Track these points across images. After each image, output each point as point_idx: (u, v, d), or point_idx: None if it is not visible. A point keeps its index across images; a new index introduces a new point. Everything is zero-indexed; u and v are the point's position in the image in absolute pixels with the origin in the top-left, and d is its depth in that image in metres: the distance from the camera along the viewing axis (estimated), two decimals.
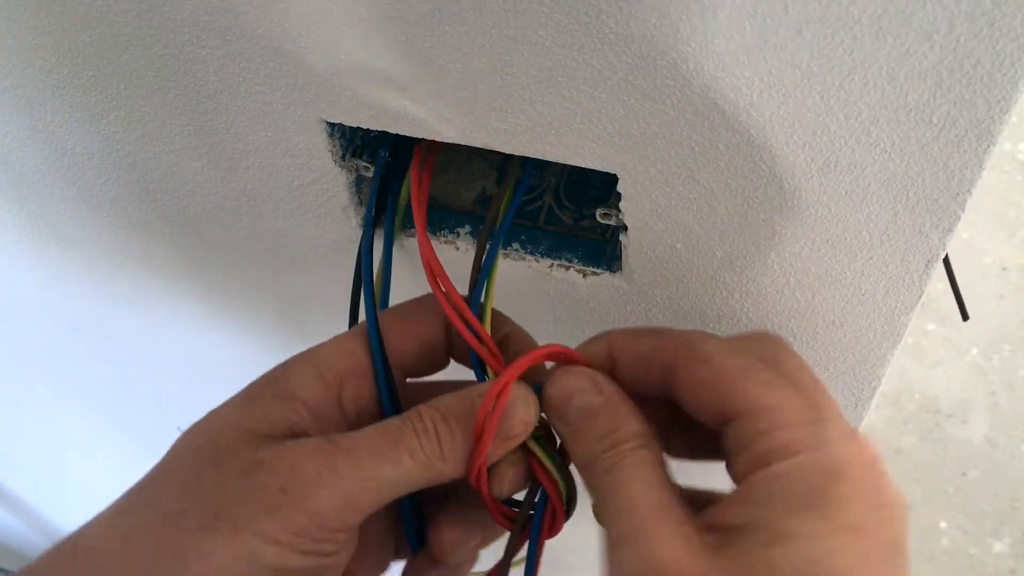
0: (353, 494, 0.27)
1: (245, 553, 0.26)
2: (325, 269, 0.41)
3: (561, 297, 0.37)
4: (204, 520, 0.26)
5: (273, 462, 0.27)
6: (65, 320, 0.59)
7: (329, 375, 0.30)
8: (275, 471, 0.27)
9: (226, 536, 0.26)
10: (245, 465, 0.27)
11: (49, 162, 0.40)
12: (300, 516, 0.26)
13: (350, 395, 0.30)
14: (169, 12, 0.30)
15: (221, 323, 0.51)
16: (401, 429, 0.28)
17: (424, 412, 0.29)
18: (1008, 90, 0.23)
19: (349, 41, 0.28)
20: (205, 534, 0.26)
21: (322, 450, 0.28)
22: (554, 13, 0.25)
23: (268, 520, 0.26)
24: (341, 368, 0.30)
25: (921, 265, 0.30)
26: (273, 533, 0.26)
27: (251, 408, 0.29)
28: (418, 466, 0.28)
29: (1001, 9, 0.21)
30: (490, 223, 0.32)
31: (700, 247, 0.32)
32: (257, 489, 0.27)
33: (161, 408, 0.67)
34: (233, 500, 0.27)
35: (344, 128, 0.34)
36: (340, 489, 0.27)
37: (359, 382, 0.31)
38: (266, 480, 0.27)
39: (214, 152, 0.36)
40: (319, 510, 0.27)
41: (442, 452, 0.28)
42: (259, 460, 0.27)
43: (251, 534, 0.26)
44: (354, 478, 0.27)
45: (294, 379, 0.30)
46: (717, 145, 0.27)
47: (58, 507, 1.08)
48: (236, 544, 0.26)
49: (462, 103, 0.29)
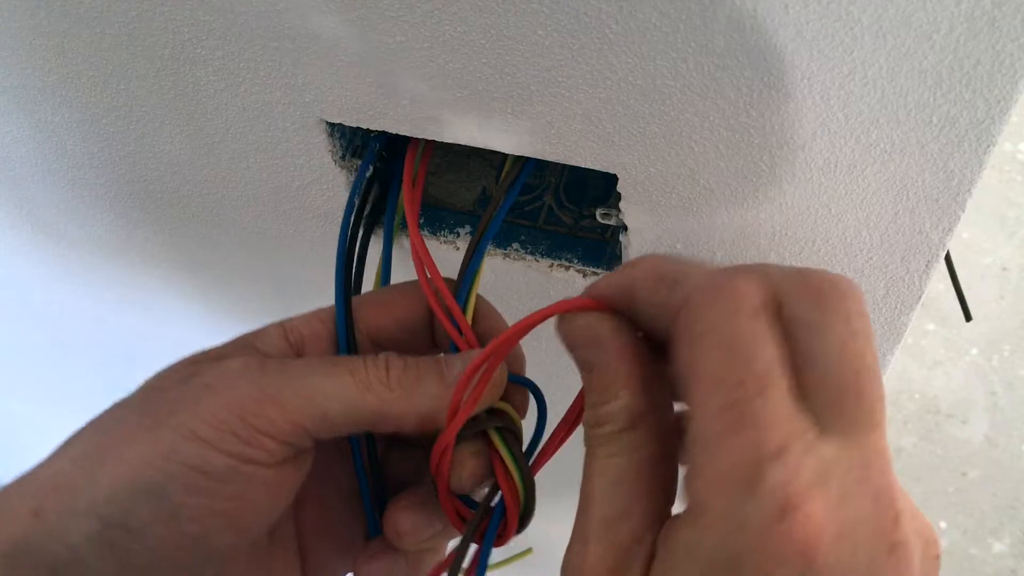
0: (276, 392, 0.26)
1: (162, 448, 0.26)
2: (325, 268, 0.41)
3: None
4: (132, 422, 0.26)
5: (208, 367, 0.27)
6: (65, 320, 0.59)
7: (292, 335, 0.30)
8: (207, 373, 0.27)
9: (147, 431, 0.26)
10: (182, 376, 0.28)
11: (49, 162, 0.40)
12: (219, 408, 0.26)
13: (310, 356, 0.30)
14: (169, 12, 0.30)
15: (221, 323, 0.51)
16: (350, 356, 0.28)
17: (383, 353, 0.29)
18: (1008, 90, 0.23)
19: (348, 40, 0.28)
20: (130, 433, 0.26)
21: (255, 359, 0.28)
22: (554, 13, 0.25)
23: (187, 414, 0.26)
24: (306, 332, 0.30)
25: (921, 265, 0.30)
26: (192, 426, 0.26)
27: (208, 350, 0.29)
28: (358, 386, 0.27)
29: (1001, 9, 0.21)
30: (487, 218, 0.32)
31: (700, 247, 0.32)
32: (186, 387, 0.27)
33: None
34: (161, 403, 0.27)
35: (344, 128, 0.34)
36: (262, 385, 0.26)
37: (321, 346, 0.30)
38: (196, 380, 0.27)
39: (214, 152, 0.36)
40: (238, 401, 0.26)
41: (388, 377, 0.27)
42: (196, 371, 0.28)
43: (170, 429, 0.26)
44: (280, 377, 0.27)
45: (260, 335, 0.30)
46: (717, 145, 0.27)
47: None
48: (156, 438, 0.26)
49: (462, 103, 0.29)
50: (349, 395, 0.27)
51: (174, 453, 0.26)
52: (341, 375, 0.27)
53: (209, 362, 0.28)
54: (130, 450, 0.26)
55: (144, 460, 0.25)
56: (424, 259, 0.31)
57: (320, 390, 0.27)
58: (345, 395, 0.27)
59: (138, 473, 0.25)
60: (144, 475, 0.25)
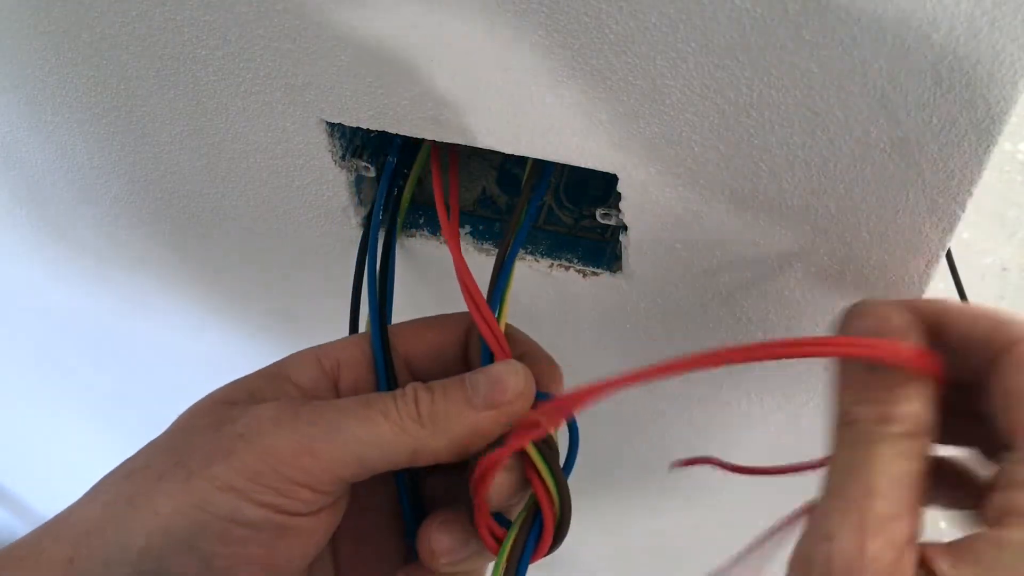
0: (312, 443, 0.26)
1: (196, 499, 0.25)
2: (325, 269, 0.41)
3: (561, 297, 0.37)
4: (163, 470, 0.26)
5: (240, 416, 0.27)
6: (65, 320, 0.59)
7: (327, 362, 0.30)
8: (239, 423, 0.27)
9: (180, 482, 0.26)
10: (214, 422, 0.27)
11: (49, 162, 0.40)
12: (254, 460, 0.26)
13: (347, 384, 0.30)
14: (169, 12, 0.30)
15: (221, 322, 0.51)
16: (380, 395, 0.28)
17: (409, 384, 0.28)
18: (1008, 90, 0.23)
19: (348, 40, 0.28)
20: (159, 483, 0.26)
21: (289, 405, 0.27)
22: (554, 13, 0.25)
23: (222, 465, 0.26)
24: (341, 357, 0.30)
25: (921, 265, 0.30)
26: (226, 478, 0.25)
27: (241, 385, 0.29)
28: (392, 428, 0.27)
29: (1001, 9, 0.21)
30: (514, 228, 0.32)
31: (700, 247, 0.32)
32: (219, 438, 0.26)
33: (161, 407, 0.67)
34: (194, 450, 0.26)
35: (344, 128, 0.34)
36: (298, 435, 0.26)
37: (357, 372, 0.30)
38: (229, 429, 0.27)
39: (214, 152, 0.36)
40: (273, 452, 0.26)
41: (419, 413, 0.27)
42: (229, 416, 0.27)
43: (203, 480, 0.25)
44: (315, 428, 0.26)
45: (292, 363, 0.30)
46: (717, 145, 0.27)
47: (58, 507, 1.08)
48: (187, 489, 0.25)
49: (461, 103, 0.29)
50: (384, 439, 0.27)
51: (207, 504, 0.25)
52: (375, 419, 0.27)
53: (242, 406, 0.28)
54: (163, 500, 0.26)
55: (177, 510, 0.25)
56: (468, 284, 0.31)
57: (356, 437, 0.26)
58: (380, 440, 0.27)
59: (171, 523, 0.25)
60: (177, 525, 0.25)
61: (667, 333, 0.37)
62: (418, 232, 0.37)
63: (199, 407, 0.29)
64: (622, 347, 0.39)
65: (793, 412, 0.40)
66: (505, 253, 0.32)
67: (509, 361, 0.29)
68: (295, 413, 0.27)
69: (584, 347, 0.40)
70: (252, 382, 0.29)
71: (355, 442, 0.26)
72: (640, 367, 0.25)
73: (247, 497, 0.26)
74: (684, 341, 0.37)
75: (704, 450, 0.32)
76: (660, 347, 0.38)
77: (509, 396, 0.28)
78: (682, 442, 0.45)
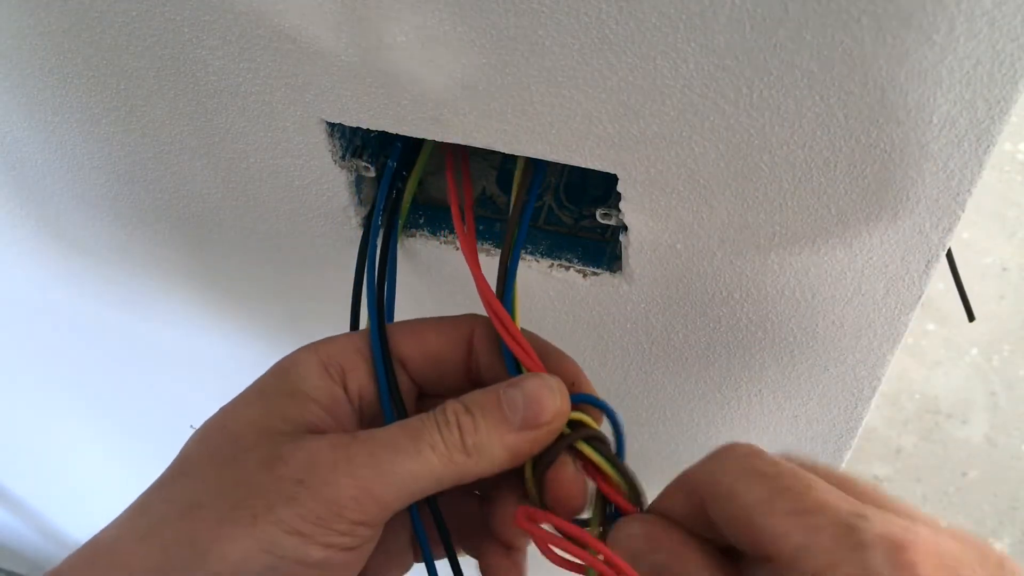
0: (371, 485, 0.27)
1: (265, 543, 0.26)
2: (325, 269, 0.41)
3: (561, 297, 0.37)
4: (223, 512, 0.26)
5: (291, 455, 0.27)
6: (65, 320, 0.59)
7: (332, 368, 0.30)
8: (293, 463, 0.27)
9: (245, 527, 0.26)
10: (264, 459, 0.27)
11: (49, 162, 0.40)
12: (317, 506, 0.26)
13: (354, 387, 0.30)
14: (169, 12, 0.30)
15: (222, 322, 0.51)
16: (423, 423, 0.28)
17: (448, 406, 0.29)
18: (1008, 90, 0.23)
19: (348, 40, 0.28)
20: (224, 526, 0.26)
21: (340, 443, 0.27)
22: (554, 13, 0.25)
23: (286, 510, 0.26)
24: (344, 362, 0.30)
25: (921, 265, 0.30)
26: (292, 523, 0.26)
27: (267, 406, 0.29)
28: (440, 460, 0.27)
29: (1001, 9, 0.21)
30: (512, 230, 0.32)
31: (700, 247, 0.32)
32: (276, 481, 0.27)
33: (161, 407, 0.67)
34: (251, 492, 0.26)
35: (344, 128, 0.34)
36: (356, 479, 0.27)
37: (362, 375, 0.30)
38: (284, 472, 0.27)
39: (214, 152, 0.36)
40: (336, 499, 0.26)
41: (464, 445, 0.28)
42: (278, 455, 0.27)
43: (270, 524, 0.26)
44: (372, 469, 0.27)
45: (301, 374, 0.30)
46: (717, 145, 0.27)
47: (58, 507, 1.08)
48: (256, 534, 0.26)
49: (462, 103, 0.29)
50: (435, 473, 0.27)
51: (276, 547, 0.26)
52: (425, 453, 0.27)
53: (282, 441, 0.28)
54: (231, 545, 0.26)
55: (247, 555, 0.26)
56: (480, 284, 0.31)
57: (410, 475, 0.27)
58: (431, 474, 0.27)
59: (240, 568, 0.26)
60: (246, 569, 0.26)
61: (667, 333, 0.37)
62: (418, 232, 0.37)
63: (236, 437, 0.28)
64: (622, 347, 0.39)
65: (792, 412, 0.40)
66: (507, 259, 0.32)
67: (543, 377, 0.29)
68: (348, 456, 0.27)
69: (584, 347, 0.40)
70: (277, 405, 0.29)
71: (410, 480, 0.27)
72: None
73: (314, 540, 0.26)
74: (684, 341, 0.37)
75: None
76: (660, 347, 0.38)
77: (547, 417, 0.28)
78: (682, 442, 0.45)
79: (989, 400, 1.44)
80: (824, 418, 0.40)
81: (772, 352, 0.36)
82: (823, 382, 0.37)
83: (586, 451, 0.29)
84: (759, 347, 0.36)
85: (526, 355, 0.30)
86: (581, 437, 0.29)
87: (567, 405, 0.29)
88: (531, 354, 0.30)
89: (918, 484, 1.38)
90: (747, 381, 0.39)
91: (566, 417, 0.29)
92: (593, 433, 0.29)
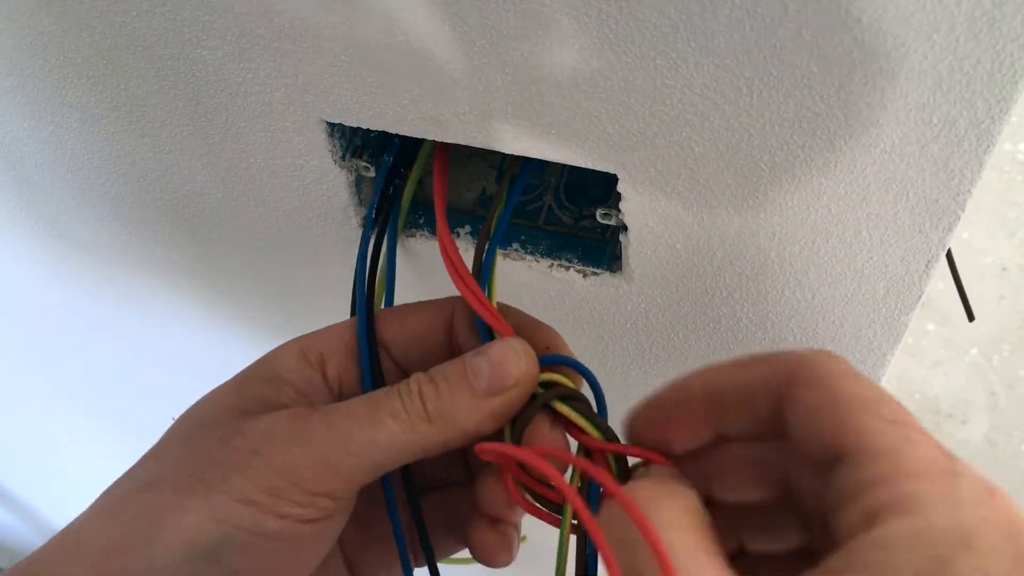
0: (328, 454, 0.26)
1: (218, 513, 0.25)
2: (325, 269, 0.41)
3: (561, 297, 0.37)
4: (178, 483, 0.26)
5: (251, 428, 0.27)
6: (65, 319, 0.59)
7: (312, 354, 0.30)
8: (251, 435, 0.27)
9: (199, 496, 0.26)
10: (224, 434, 0.27)
11: (49, 162, 0.40)
12: (271, 474, 0.26)
13: (334, 373, 0.30)
14: (169, 12, 0.30)
15: (221, 322, 0.51)
16: (386, 393, 0.28)
17: (413, 377, 0.28)
18: (1008, 90, 0.23)
19: (348, 40, 0.28)
20: (178, 496, 0.26)
21: (300, 415, 0.27)
22: (554, 13, 0.25)
23: (239, 478, 0.26)
24: (324, 348, 0.30)
25: (921, 265, 0.30)
26: (246, 492, 0.26)
27: (240, 391, 0.29)
28: (402, 428, 0.27)
29: (1001, 9, 0.21)
30: (489, 221, 0.32)
31: (700, 247, 0.32)
32: (232, 451, 0.26)
33: (161, 407, 0.67)
34: (208, 464, 0.26)
35: (344, 128, 0.34)
36: (312, 448, 0.26)
37: (342, 360, 0.30)
38: (241, 443, 0.27)
39: (214, 152, 0.36)
40: (291, 467, 0.26)
41: (426, 411, 0.27)
42: (239, 429, 0.27)
43: (223, 493, 0.26)
44: (328, 438, 0.27)
45: (280, 360, 0.30)
46: (717, 145, 0.27)
47: (57, 506, 1.08)
48: (210, 503, 0.26)
49: (461, 103, 0.29)
50: (397, 442, 0.27)
51: (230, 517, 0.25)
52: (385, 422, 0.27)
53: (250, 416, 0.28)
54: (185, 515, 0.25)
55: (200, 524, 0.25)
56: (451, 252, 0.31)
57: (369, 444, 0.27)
58: (393, 443, 0.27)
59: (195, 538, 0.25)
60: (201, 540, 0.25)
61: (667, 333, 0.37)
62: (418, 232, 0.37)
63: (202, 417, 0.28)
64: (622, 347, 0.39)
65: None
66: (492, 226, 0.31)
67: (507, 340, 0.28)
68: (306, 426, 0.27)
69: (584, 347, 0.40)
70: (250, 388, 0.29)
71: (369, 449, 0.27)
72: None
73: (268, 510, 0.26)
74: (684, 341, 0.37)
75: None
76: (660, 347, 0.38)
77: (512, 380, 0.28)
78: None
79: (989, 400, 1.44)
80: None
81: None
82: None
83: (561, 409, 0.28)
84: (759, 347, 0.36)
85: (496, 321, 0.29)
86: (555, 396, 0.28)
87: (534, 367, 0.28)
88: (500, 320, 0.29)
89: None
90: None
91: (534, 380, 0.28)
92: (567, 392, 0.29)
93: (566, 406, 0.28)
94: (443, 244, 0.31)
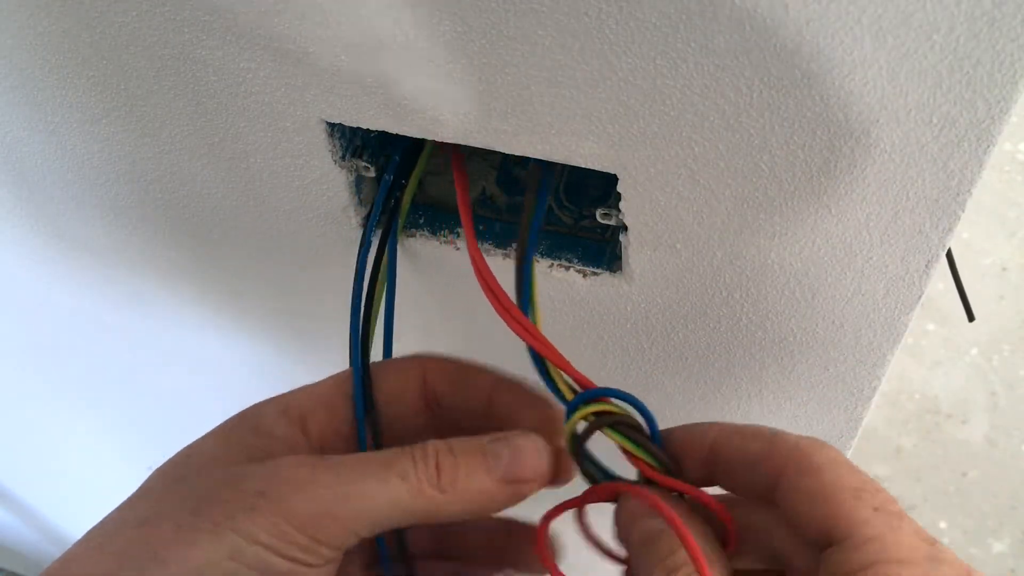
0: (332, 505, 0.26)
1: (227, 549, 0.25)
2: (325, 269, 0.41)
3: (561, 297, 0.37)
4: (182, 519, 0.26)
5: (255, 471, 0.27)
6: (65, 320, 0.59)
7: (291, 412, 0.30)
8: (255, 477, 0.27)
9: (206, 532, 0.26)
10: (227, 477, 0.27)
11: (49, 162, 0.40)
12: (278, 519, 0.26)
13: (315, 432, 0.30)
14: (169, 12, 0.30)
15: (221, 322, 0.51)
16: (398, 452, 0.28)
17: (430, 443, 0.28)
18: (1008, 90, 0.23)
19: (348, 40, 0.28)
20: (182, 532, 0.26)
21: (306, 461, 0.27)
22: (554, 13, 0.25)
23: (246, 519, 0.26)
24: (303, 407, 0.30)
25: (921, 265, 0.30)
26: (252, 533, 0.26)
27: (228, 442, 0.29)
28: (409, 491, 0.27)
29: (1001, 9, 0.21)
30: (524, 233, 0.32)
31: (700, 247, 0.32)
32: (237, 492, 0.26)
33: (161, 406, 0.67)
34: (211, 503, 0.26)
35: (344, 128, 0.34)
36: (317, 497, 0.26)
37: (322, 420, 0.30)
38: (246, 485, 0.27)
39: (214, 152, 0.36)
40: (296, 514, 0.26)
41: (439, 479, 0.27)
42: (242, 473, 0.27)
43: (231, 532, 0.26)
44: (334, 489, 0.27)
45: (261, 413, 0.30)
46: (717, 145, 0.27)
47: (58, 507, 1.08)
48: (215, 541, 0.25)
49: (461, 103, 0.29)
50: (402, 502, 0.27)
51: (237, 554, 0.25)
52: (393, 482, 0.27)
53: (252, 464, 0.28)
54: (192, 550, 0.25)
55: (209, 561, 0.25)
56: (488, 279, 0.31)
57: (374, 500, 0.27)
58: (398, 503, 0.27)
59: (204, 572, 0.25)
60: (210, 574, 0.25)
61: (667, 333, 0.37)
62: (419, 232, 0.37)
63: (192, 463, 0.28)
64: (622, 347, 0.39)
65: (792, 412, 0.40)
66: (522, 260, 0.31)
67: (531, 435, 0.29)
68: (313, 473, 0.27)
69: (584, 347, 0.40)
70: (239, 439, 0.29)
71: (373, 505, 0.27)
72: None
73: (275, 551, 0.26)
74: (684, 341, 0.37)
75: None
76: (660, 347, 0.38)
77: (528, 475, 0.28)
78: None
79: (989, 400, 1.44)
80: (824, 418, 0.40)
81: (772, 352, 0.36)
82: (823, 382, 0.37)
83: (612, 437, 0.29)
84: (759, 347, 0.36)
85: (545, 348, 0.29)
86: (606, 424, 0.29)
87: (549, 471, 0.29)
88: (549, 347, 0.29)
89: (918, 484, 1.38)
90: (747, 381, 0.39)
91: (545, 481, 0.29)
92: (618, 419, 0.29)
93: (616, 433, 0.29)
94: (475, 263, 0.31)
